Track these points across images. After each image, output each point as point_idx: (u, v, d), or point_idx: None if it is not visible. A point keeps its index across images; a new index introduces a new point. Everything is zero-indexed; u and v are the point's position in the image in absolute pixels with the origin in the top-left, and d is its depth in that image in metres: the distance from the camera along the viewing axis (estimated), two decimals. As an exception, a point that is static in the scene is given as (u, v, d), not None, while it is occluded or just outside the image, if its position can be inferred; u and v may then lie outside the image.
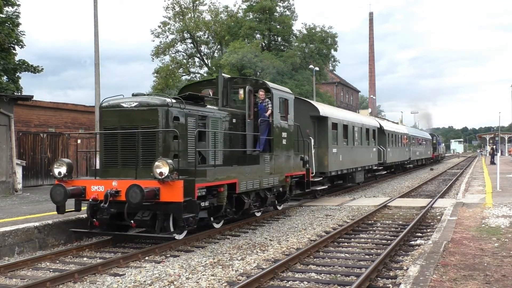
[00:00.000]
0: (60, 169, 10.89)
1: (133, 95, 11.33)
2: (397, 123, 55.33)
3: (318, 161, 19.28)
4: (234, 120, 13.32)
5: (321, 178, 19.21)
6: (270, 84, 14.41)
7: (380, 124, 30.45)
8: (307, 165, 16.65)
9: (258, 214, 14.37)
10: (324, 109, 20.36)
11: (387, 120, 57.75)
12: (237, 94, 14.25)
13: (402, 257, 9.67)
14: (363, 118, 27.54)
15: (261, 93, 14.00)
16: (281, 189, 15.00)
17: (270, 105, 13.92)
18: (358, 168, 23.81)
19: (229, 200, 11.87)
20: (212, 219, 11.85)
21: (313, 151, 18.36)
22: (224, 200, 11.43)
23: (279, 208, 15.80)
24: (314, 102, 20.37)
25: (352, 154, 22.90)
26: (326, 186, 19.96)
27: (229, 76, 14.74)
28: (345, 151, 21.86)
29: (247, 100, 13.50)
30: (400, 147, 35.87)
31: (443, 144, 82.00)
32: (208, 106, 12.50)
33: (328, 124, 19.98)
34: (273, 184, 14.09)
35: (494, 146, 57.69)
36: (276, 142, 14.18)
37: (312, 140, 18.71)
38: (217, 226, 12.29)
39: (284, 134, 14.81)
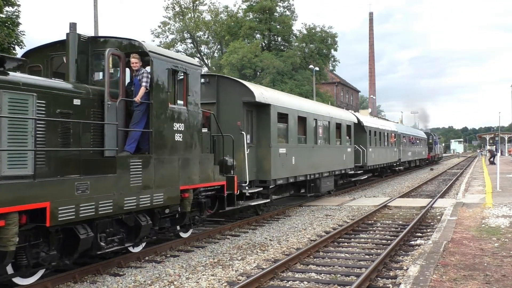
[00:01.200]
0: None
1: None
2: (397, 122, 53.39)
3: (257, 165, 14.35)
4: (76, 102, 8.46)
5: (262, 188, 14.30)
6: (150, 46, 9.64)
7: (358, 119, 25.08)
8: (233, 172, 12.22)
9: (134, 250, 9.62)
10: (264, 94, 14.68)
11: (386, 119, 57.17)
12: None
13: (402, 257, 9.67)
14: (331, 110, 21.40)
15: (134, 60, 9.19)
16: (180, 209, 10.12)
17: (145, 78, 9.07)
18: (324, 173, 18.75)
19: (43, 237, 7.37)
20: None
21: (246, 152, 13.33)
22: (11, 240, 6.54)
23: (184, 236, 11.11)
24: (247, 83, 14.48)
25: (313, 156, 17.80)
26: (269, 200, 14.82)
27: (90, 36, 9.71)
28: (302, 151, 16.82)
29: (107, 71, 8.80)
30: (386, 147, 30.70)
31: (443, 144, 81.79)
32: (13, 74, 7.59)
33: (271, 115, 14.56)
34: (152, 203, 9.03)
35: (494, 147, 57.67)
36: (158, 138, 9.31)
37: (247, 137, 13.73)
38: (21, 283, 7.37)
39: (179, 126, 9.90)
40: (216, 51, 58.87)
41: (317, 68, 48.66)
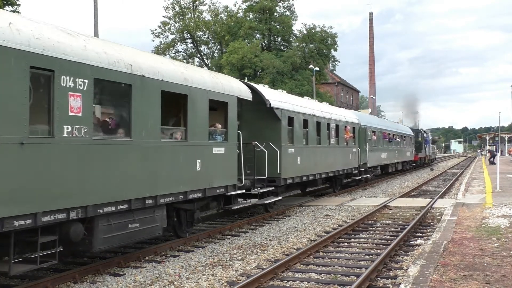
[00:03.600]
0: None
1: None
2: (396, 122, 46.52)
3: None
4: None
5: None
6: None
7: (256, 92, 14.21)
8: None
9: None
10: None
11: (387, 119, 54.92)
12: None
13: (402, 257, 9.67)
14: (163, 63, 9.90)
15: None
16: None
17: None
18: (107, 207, 7.99)
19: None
20: None
21: None
22: None
23: None
24: None
25: (58, 171, 7.00)
26: None
27: None
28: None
29: None
30: (333, 146, 20.07)
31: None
32: None
33: None
34: None
35: (494, 147, 57.72)
36: None
37: None
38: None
39: None
40: (216, 51, 58.88)
41: (317, 68, 48.62)
